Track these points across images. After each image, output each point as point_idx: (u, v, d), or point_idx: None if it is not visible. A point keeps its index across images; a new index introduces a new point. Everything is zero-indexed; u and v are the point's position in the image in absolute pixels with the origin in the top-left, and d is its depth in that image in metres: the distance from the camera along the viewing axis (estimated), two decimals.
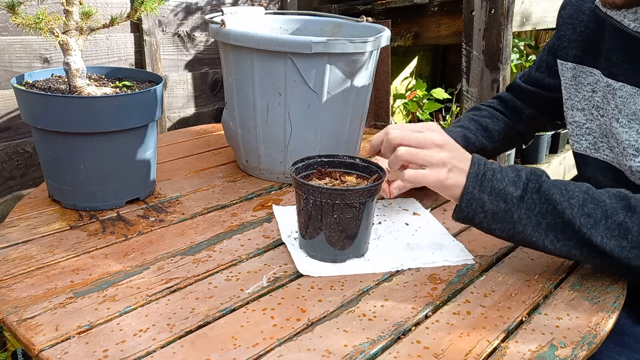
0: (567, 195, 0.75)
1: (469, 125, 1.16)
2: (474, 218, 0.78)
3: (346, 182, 0.87)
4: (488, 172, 0.77)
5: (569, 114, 1.01)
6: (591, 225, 0.74)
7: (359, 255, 0.85)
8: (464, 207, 0.77)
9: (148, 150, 1.02)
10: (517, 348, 0.67)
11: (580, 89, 0.98)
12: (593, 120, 0.96)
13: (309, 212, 0.82)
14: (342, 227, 0.81)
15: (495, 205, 0.76)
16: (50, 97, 0.92)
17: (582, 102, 0.98)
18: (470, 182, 0.77)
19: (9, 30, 1.45)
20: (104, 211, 0.99)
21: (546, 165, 2.61)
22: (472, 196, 0.76)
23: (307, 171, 0.90)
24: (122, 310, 0.71)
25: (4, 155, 1.50)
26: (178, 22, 1.89)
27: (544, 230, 0.76)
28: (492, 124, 1.18)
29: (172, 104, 1.93)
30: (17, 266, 0.81)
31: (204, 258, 0.85)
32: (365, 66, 1.10)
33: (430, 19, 2.25)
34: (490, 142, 1.17)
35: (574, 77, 0.99)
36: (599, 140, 0.95)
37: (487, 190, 0.76)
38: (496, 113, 1.21)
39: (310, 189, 0.80)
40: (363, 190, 0.79)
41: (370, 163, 0.88)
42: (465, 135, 1.13)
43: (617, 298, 0.78)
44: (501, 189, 0.76)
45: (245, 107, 1.11)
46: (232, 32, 1.05)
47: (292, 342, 0.67)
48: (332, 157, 0.91)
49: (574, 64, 0.99)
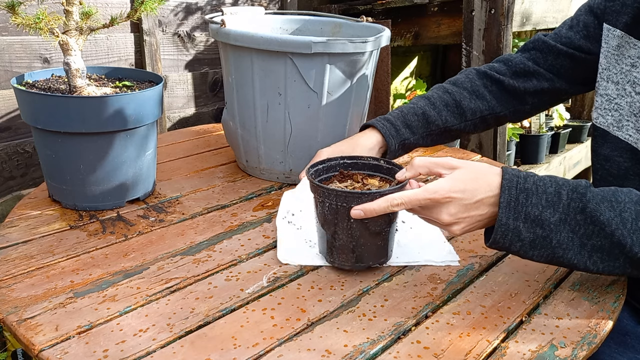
0: (618, 209, 0.70)
1: (435, 100, 1.07)
2: (510, 247, 0.73)
3: (368, 185, 0.83)
4: (521, 196, 0.71)
5: (602, 85, 0.94)
6: None
7: (380, 262, 0.82)
8: (499, 239, 0.72)
9: (148, 150, 1.02)
10: (517, 348, 0.67)
11: (620, 61, 0.91)
12: (624, 96, 0.90)
13: (325, 215, 0.79)
14: (359, 232, 0.77)
15: (532, 233, 0.71)
16: (50, 97, 0.92)
17: (618, 75, 0.91)
18: (504, 212, 0.71)
19: (9, 30, 1.45)
20: (104, 211, 0.99)
21: (546, 165, 2.61)
22: (507, 227, 0.71)
23: (328, 173, 0.86)
24: (122, 310, 0.71)
25: (4, 155, 1.50)
26: (178, 22, 1.89)
27: (588, 251, 0.71)
28: (468, 99, 1.07)
29: (172, 104, 1.93)
30: (17, 266, 0.81)
31: (204, 258, 0.85)
32: (365, 66, 1.10)
33: (430, 19, 2.25)
34: (459, 121, 1.08)
35: (619, 46, 0.91)
36: (625, 118, 0.89)
37: (522, 217, 0.71)
38: (480, 88, 1.09)
39: (325, 192, 0.76)
40: (380, 194, 0.74)
41: (395, 165, 0.84)
42: (425, 112, 1.06)
43: (617, 298, 0.78)
44: (537, 215, 0.70)
45: (245, 107, 1.11)
46: (232, 32, 1.05)
47: (292, 342, 0.67)
48: (356, 159, 0.87)
49: (623, 32, 0.90)
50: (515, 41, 2.66)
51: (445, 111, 1.07)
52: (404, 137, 1.06)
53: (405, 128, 1.06)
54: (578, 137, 2.92)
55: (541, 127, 2.76)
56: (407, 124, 1.06)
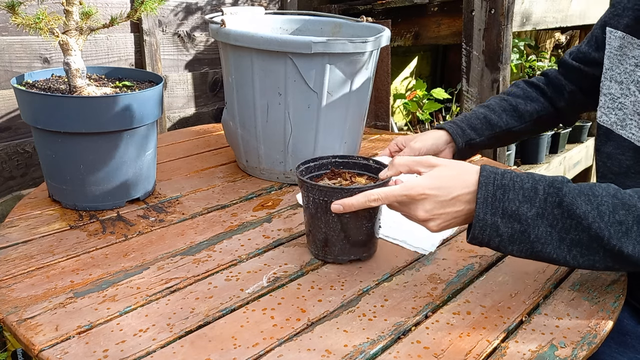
0: (595, 203, 0.71)
1: (494, 106, 1.17)
2: (489, 242, 0.74)
3: (355, 183, 0.87)
4: (498, 192, 0.72)
5: (605, 85, 0.97)
6: (622, 234, 0.70)
7: (362, 257, 0.85)
8: (477, 234, 0.73)
9: (148, 150, 1.02)
10: (517, 348, 0.67)
11: (623, 61, 0.93)
12: (628, 95, 0.91)
13: (309, 210, 0.83)
14: (340, 226, 0.81)
15: (510, 228, 0.72)
16: (50, 97, 0.92)
17: (622, 75, 0.93)
18: (481, 207, 0.72)
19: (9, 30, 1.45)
20: (104, 211, 0.99)
21: (546, 165, 2.61)
22: (485, 222, 0.72)
23: (320, 171, 0.90)
24: (122, 310, 0.71)
25: (4, 155, 1.50)
26: (178, 22, 1.89)
27: (567, 246, 0.71)
28: (523, 104, 1.17)
29: (172, 104, 1.93)
30: (17, 266, 0.81)
31: (204, 258, 0.85)
32: (365, 66, 1.10)
33: (430, 19, 2.25)
34: (519, 123, 1.17)
35: (621, 47, 0.94)
36: (628, 117, 0.91)
37: (500, 212, 0.72)
38: (532, 93, 1.19)
39: (309, 187, 0.81)
40: (359, 190, 0.78)
41: (383, 165, 0.87)
42: (486, 116, 1.15)
43: (617, 298, 0.78)
44: (514, 210, 0.71)
45: (245, 107, 1.11)
46: (232, 32, 1.04)
47: (292, 342, 0.67)
48: (347, 158, 0.92)
49: (624, 34, 0.94)
50: (515, 41, 2.66)
51: (504, 115, 1.16)
52: (469, 137, 1.15)
53: (470, 129, 1.15)
54: (578, 137, 2.93)
55: None
56: (471, 127, 1.15)
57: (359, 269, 0.83)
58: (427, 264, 0.86)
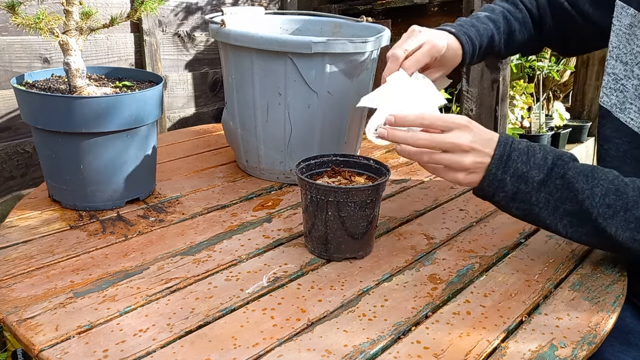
0: (591, 183, 0.77)
1: (500, 25, 1.09)
2: (493, 196, 0.80)
3: (354, 182, 0.88)
4: (514, 154, 0.78)
5: (610, 64, 0.94)
6: (609, 215, 0.76)
7: (358, 256, 0.86)
8: (485, 186, 0.79)
9: (148, 150, 1.02)
10: (517, 348, 0.67)
11: (631, 41, 0.90)
12: (631, 78, 0.90)
13: (307, 207, 0.84)
14: (336, 225, 0.82)
15: (515, 187, 0.78)
16: (50, 97, 0.92)
17: (627, 56, 0.91)
18: (495, 163, 0.78)
19: (9, 30, 1.45)
20: (104, 211, 0.99)
21: None
22: (495, 177, 0.78)
23: (320, 169, 0.92)
24: (122, 310, 0.71)
25: (4, 155, 1.50)
26: (178, 22, 1.89)
27: (560, 214, 0.78)
28: (518, 31, 1.11)
29: (172, 104, 1.93)
30: (17, 266, 0.81)
31: (204, 258, 0.85)
32: (365, 66, 1.10)
33: (430, 19, 2.25)
34: (505, 50, 1.12)
35: (631, 25, 0.90)
36: (628, 100, 0.90)
37: (510, 171, 0.78)
38: (528, 19, 1.12)
39: (307, 185, 0.82)
40: (355, 189, 0.80)
41: (383, 165, 0.89)
42: (492, 36, 1.08)
43: (617, 298, 0.78)
44: (524, 172, 0.78)
45: (245, 107, 1.11)
46: (232, 32, 1.05)
47: (292, 342, 0.67)
48: (348, 157, 0.93)
49: (636, 12, 0.90)
50: None
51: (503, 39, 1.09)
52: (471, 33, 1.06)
53: (471, 27, 1.07)
54: (578, 137, 2.93)
55: (541, 127, 2.76)
56: (473, 25, 1.08)
57: (359, 269, 0.83)
58: (427, 264, 0.86)
